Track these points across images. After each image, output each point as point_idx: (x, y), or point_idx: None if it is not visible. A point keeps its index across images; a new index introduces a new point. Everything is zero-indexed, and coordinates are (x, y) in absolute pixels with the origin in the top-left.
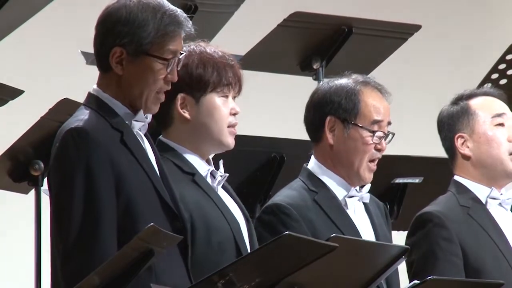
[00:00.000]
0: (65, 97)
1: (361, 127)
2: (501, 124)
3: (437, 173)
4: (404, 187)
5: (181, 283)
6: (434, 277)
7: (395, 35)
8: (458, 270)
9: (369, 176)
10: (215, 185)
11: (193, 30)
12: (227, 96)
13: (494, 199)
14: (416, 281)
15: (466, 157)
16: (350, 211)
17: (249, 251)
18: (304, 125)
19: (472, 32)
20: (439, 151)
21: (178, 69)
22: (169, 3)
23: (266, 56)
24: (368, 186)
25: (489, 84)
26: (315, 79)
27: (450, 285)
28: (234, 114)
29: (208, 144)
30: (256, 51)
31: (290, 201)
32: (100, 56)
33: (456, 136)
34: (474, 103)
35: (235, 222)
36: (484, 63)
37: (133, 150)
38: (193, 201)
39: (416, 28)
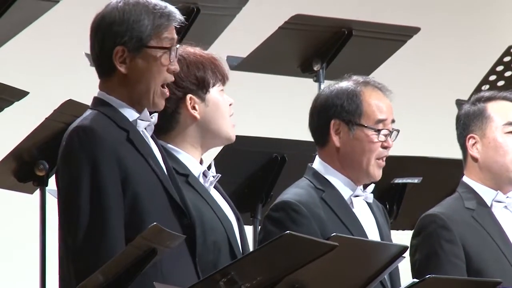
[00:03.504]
0: (69, 98)
1: (366, 126)
2: None
3: (436, 173)
4: (403, 187)
5: (188, 281)
6: (433, 275)
7: (394, 37)
8: (460, 272)
9: (378, 173)
10: (207, 185)
11: (183, 19)
12: (222, 90)
13: (500, 202)
14: (415, 280)
15: (475, 159)
16: (356, 211)
17: (240, 249)
18: (305, 127)
19: (470, 34)
20: (438, 152)
21: (176, 58)
22: None
23: (267, 58)
24: (372, 186)
25: (487, 86)
26: (315, 81)
27: (448, 283)
28: (230, 105)
29: (216, 139)
30: (257, 53)
31: (299, 199)
32: (101, 60)
33: (468, 137)
34: (491, 106)
35: (228, 221)
36: (483, 64)
37: (140, 148)
38: (189, 202)
39: (415, 30)
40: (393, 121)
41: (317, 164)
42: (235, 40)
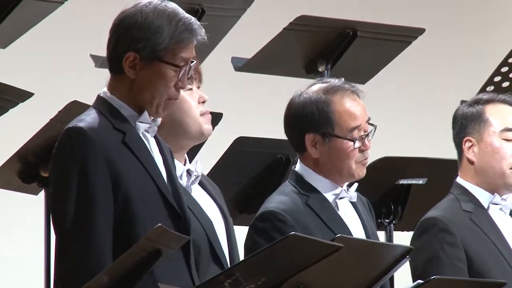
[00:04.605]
0: (74, 99)
1: (339, 137)
2: (509, 140)
3: (441, 174)
4: (408, 188)
5: (181, 285)
6: (438, 276)
7: (399, 38)
8: (463, 275)
9: (362, 172)
10: (189, 184)
11: (205, 38)
12: (191, 89)
13: (496, 204)
14: (420, 281)
15: (471, 162)
16: (341, 213)
17: (226, 249)
18: None
19: (475, 35)
20: (443, 153)
21: (189, 76)
22: (183, 11)
23: (272, 59)
24: (355, 186)
25: (492, 87)
26: None
27: (453, 284)
28: (203, 102)
29: (187, 138)
30: (262, 54)
31: (284, 207)
32: (113, 59)
33: (465, 139)
34: (490, 110)
35: (207, 221)
36: (487, 66)
37: (135, 151)
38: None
39: (420, 31)
40: (368, 120)
41: (300, 167)
42: (240, 41)
